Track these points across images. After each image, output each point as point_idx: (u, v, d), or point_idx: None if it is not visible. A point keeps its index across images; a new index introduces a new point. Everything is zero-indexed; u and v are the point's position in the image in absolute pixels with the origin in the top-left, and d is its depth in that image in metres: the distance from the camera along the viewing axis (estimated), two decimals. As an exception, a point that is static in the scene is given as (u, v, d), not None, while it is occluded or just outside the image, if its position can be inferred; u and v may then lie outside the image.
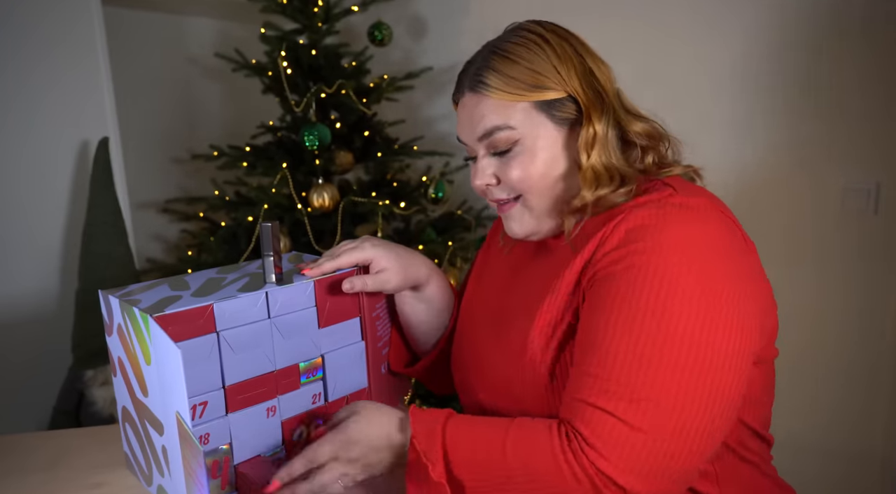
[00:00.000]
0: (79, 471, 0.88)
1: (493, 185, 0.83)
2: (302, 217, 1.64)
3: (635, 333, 0.68)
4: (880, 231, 1.63)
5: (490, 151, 0.82)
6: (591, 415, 0.67)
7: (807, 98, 1.65)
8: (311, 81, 1.72)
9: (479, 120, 0.80)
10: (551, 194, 0.81)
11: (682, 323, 0.67)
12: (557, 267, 0.80)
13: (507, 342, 0.81)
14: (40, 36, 1.57)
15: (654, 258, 0.69)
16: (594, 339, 0.70)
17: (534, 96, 0.78)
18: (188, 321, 0.73)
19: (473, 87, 0.81)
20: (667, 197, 0.73)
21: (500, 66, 0.79)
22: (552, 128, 0.80)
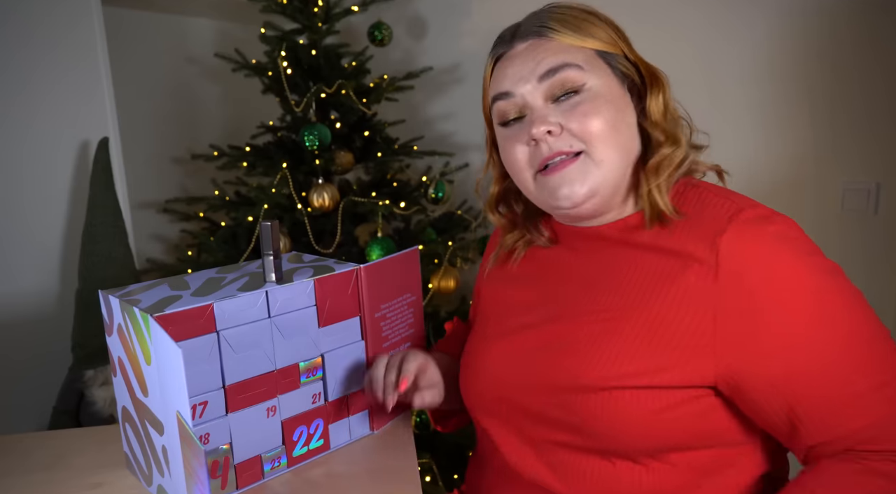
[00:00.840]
0: (79, 471, 0.88)
1: (557, 134, 0.75)
2: (302, 217, 1.64)
3: (839, 346, 0.68)
4: (880, 231, 1.63)
5: (549, 99, 0.76)
6: (870, 426, 0.67)
7: (807, 98, 1.65)
8: (311, 81, 1.72)
9: (543, 59, 0.75)
10: (621, 152, 0.75)
11: (858, 320, 0.70)
12: (639, 275, 0.74)
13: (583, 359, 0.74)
14: (40, 36, 1.57)
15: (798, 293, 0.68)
16: (808, 378, 0.68)
17: (597, 44, 0.76)
18: (188, 321, 0.73)
19: (534, 34, 0.76)
20: (740, 213, 0.71)
21: (563, 17, 0.77)
22: (615, 80, 0.77)
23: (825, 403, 0.68)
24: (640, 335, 0.72)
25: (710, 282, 0.69)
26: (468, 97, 2.12)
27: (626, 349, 0.72)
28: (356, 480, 0.83)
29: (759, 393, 0.69)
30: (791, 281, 0.68)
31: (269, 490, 0.81)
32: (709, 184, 0.79)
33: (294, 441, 0.85)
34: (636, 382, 0.70)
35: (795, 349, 0.68)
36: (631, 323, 0.73)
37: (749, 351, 0.68)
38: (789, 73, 1.65)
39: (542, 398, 0.77)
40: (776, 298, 0.68)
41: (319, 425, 0.87)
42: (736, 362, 0.69)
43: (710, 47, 1.72)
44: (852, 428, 0.68)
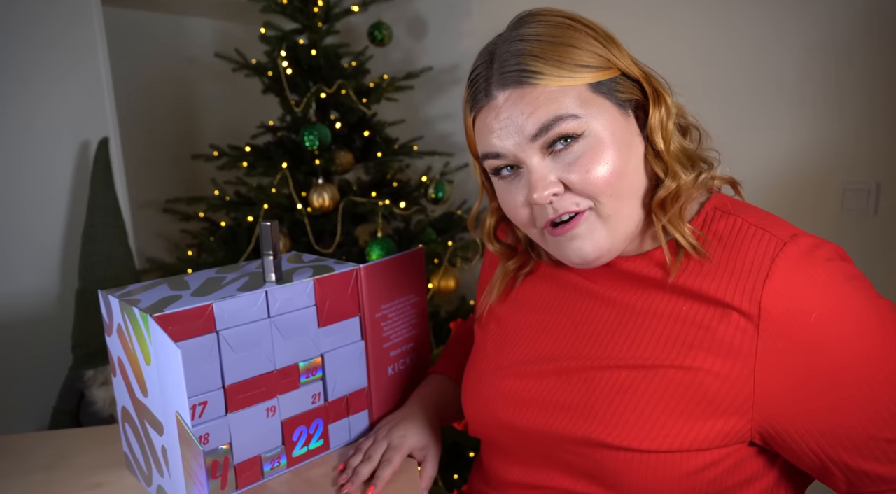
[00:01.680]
0: (79, 471, 0.88)
1: (561, 194, 0.67)
2: (302, 217, 1.64)
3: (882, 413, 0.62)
4: (880, 231, 1.63)
5: (546, 153, 0.66)
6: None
7: (807, 98, 1.65)
8: (311, 81, 1.72)
9: (530, 114, 0.65)
10: (628, 195, 0.68)
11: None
12: (666, 323, 0.68)
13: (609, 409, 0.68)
14: (40, 36, 1.57)
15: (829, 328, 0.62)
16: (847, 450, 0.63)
17: (588, 77, 0.65)
18: (188, 321, 0.73)
19: (512, 82, 0.65)
20: (783, 249, 0.64)
21: (539, 51, 0.65)
22: (616, 112, 0.67)
23: (864, 447, 0.63)
24: (666, 393, 0.65)
25: (751, 333, 0.63)
26: (468, 97, 2.12)
27: (658, 408, 0.65)
28: (356, 480, 0.83)
29: (795, 440, 0.65)
30: (836, 322, 0.62)
31: (269, 490, 0.81)
32: (743, 208, 0.71)
33: (294, 441, 0.85)
34: (668, 446, 0.65)
35: (828, 388, 0.63)
36: (657, 381, 0.66)
37: (787, 397, 0.63)
38: (789, 73, 1.65)
39: (560, 445, 0.72)
40: (817, 338, 0.62)
41: (319, 425, 0.87)
42: (774, 411, 0.64)
43: (710, 47, 1.72)
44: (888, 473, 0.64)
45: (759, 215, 0.69)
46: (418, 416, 0.90)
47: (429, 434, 0.89)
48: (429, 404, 0.93)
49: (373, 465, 0.82)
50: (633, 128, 0.69)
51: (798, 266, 0.63)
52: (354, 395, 0.91)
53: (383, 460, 0.83)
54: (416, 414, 0.90)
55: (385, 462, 0.82)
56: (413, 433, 0.87)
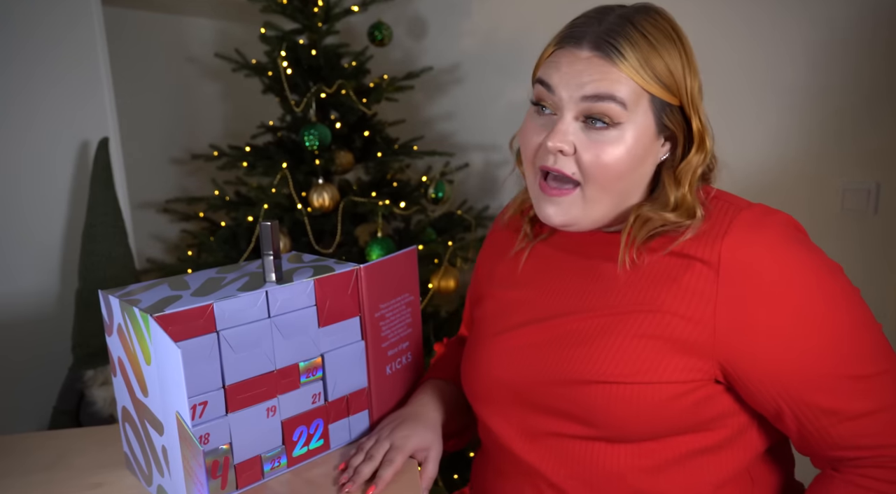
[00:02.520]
0: (79, 471, 0.88)
1: (567, 154, 0.74)
2: (302, 217, 1.64)
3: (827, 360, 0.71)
4: (880, 231, 1.63)
5: (581, 117, 0.74)
6: (859, 433, 0.71)
7: (807, 98, 1.65)
8: (311, 81, 1.72)
9: (595, 80, 0.72)
10: (614, 193, 0.76)
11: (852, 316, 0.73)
12: (643, 274, 0.76)
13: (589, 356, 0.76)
14: (40, 36, 1.57)
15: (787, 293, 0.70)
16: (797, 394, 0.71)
17: (656, 89, 0.73)
18: (188, 321, 0.73)
19: (602, 48, 0.72)
20: (735, 214, 0.74)
21: (638, 42, 0.72)
22: (653, 130, 0.75)
23: (813, 393, 0.71)
24: (637, 333, 0.74)
25: (712, 280, 0.71)
26: (468, 97, 2.12)
27: (631, 346, 0.74)
28: (356, 480, 0.83)
29: (753, 383, 0.72)
30: (788, 276, 0.70)
31: (269, 490, 0.81)
32: (719, 193, 0.80)
33: (294, 441, 0.85)
34: (640, 379, 0.73)
35: (787, 339, 0.70)
36: (629, 323, 0.75)
37: (744, 342, 0.71)
38: (789, 72, 1.65)
39: (546, 390, 0.79)
40: (772, 291, 0.70)
41: (319, 425, 0.87)
42: (732, 353, 0.71)
43: (711, 46, 1.72)
44: (839, 422, 0.71)
45: (732, 197, 0.79)
46: (421, 416, 0.90)
47: (431, 434, 0.89)
48: (431, 404, 0.93)
49: (374, 465, 0.82)
50: (655, 150, 0.77)
51: (754, 225, 0.72)
52: (354, 395, 0.91)
53: (385, 460, 0.83)
54: (418, 414, 0.91)
55: (387, 462, 0.82)
56: (416, 433, 0.87)
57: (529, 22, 1.91)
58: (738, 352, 0.71)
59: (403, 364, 0.98)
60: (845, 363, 0.71)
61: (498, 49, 2.00)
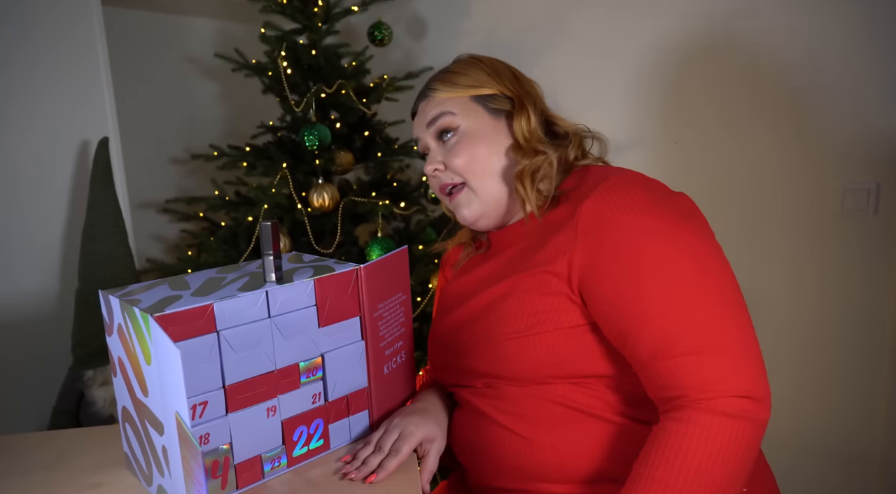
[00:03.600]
0: (79, 471, 0.88)
1: (441, 171, 0.96)
2: (302, 217, 1.64)
3: (658, 291, 0.77)
4: (880, 231, 1.63)
5: (437, 140, 0.97)
6: (682, 372, 0.75)
7: (806, 98, 1.65)
8: (311, 81, 1.72)
9: (428, 113, 0.97)
10: (493, 179, 0.94)
11: (684, 262, 0.78)
12: (526, 251, 0.90)
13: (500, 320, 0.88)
14: (40, 36, 1.57)
15: (625, 229, 0.80)
16: (633, 321, 0.78)
17: (470, 92, 0.96)
18: (188, 321, 0.73)
19: (424, 95, 0.99)
20: (600, 182, 0.85)
21: (443, 77, 0.98)
22: (488, 117, 0.95)
23: (642, 325, 0.78)
24: (524, 287, 0.86)
25: (571, 234, 0.83)
26: (468, 97, 2.12)
27: (518, 308, 0.86)
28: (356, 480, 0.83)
29: (600, 305, 0.81)
30: (629, 222, 0.80)
31: (270, 490, 0.81)
32: (599, 167, 0.94)
33: (294, 441, 0.85)
34: (528, 332, 0.84)
35: (625, 267, 0.79)
36: (519, 282, 0.87)
37: (590, 276, 0.81)
38: (790, 72, 1.65)
39: (466, 351, 0.93)
40: (615, 234, 0.80)
41: (319, 425, 0.87)
42: (586, 282, 0.82)
43: (711, 44, 1.72)
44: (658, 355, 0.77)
45: (609, 168, 0.92)
46: (430, 411, 0.95)
47: (437, 428, 0.93)
48: (439, 403, 0.98)
49: (382, 456, 0.85)
50: (501, 127, 0.95)
51: (611, 186, 0.83)
52: (355, 395, 0.91)
53: (392, 449, 0.86)
54: (427, 409, 0.95)
55: (393, 451, 0.85)
56: (425, 423, 0.91)
57: (529, 22, 1.91)
58: (588, 280, 0.81)
59: (398, 363, 0.98)
60: (679, 302, 0.77)
61: (498, 49, 1.99)
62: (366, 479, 0.82)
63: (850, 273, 1.67)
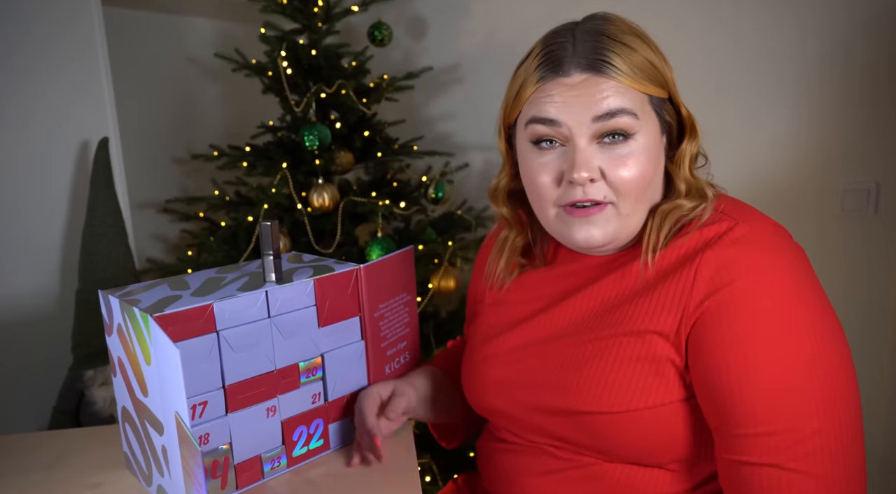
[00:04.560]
0: (79, 471, 0.88)
1: (596, 181, 0.73)
2: (302, 217, 1.64)
3: (766, 373, 0.65)
4: (880, 231, 1.63)
5: (596, 140, 0.72)
6: (759, 475, 0.65)
7: (807, 98, 1.65)
8: (311, 81, 1.72)
9: (602, 99, 0.70)
10: (643, 207, 0.76)
11: (804, 352, 0.65)
12: (633, 298, 0.74)
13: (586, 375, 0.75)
14: (39, 36, 1.57)
15: (750, 295, 0.67)
16: (727, 392, 0.66)
17: (652, 89, 0.73)
18: (188, 321, 0.73)
19: (594, 66, 0.71)
20: (733, 229, 0.71)
21: (621, 51, 0.71)
22: (658, 128, 0.75)
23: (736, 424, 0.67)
24: (632, 356, 0.72)
25: (686, 293, 0.70)
26: (468, 97, 2.12)
27: (621, 371, 0.72)
28: (356, 480, 0.83)
29: (699, 395, 0.70)
30: (765, 305, 0.67)
31: (269, 490, 0.81)
32: (722, 198, 0.78)
33: (294, 441, 0.85)
34: (630, 406, 0.71)
35: (738, 363, 0.66)
36: (618, 344, 0.73)
37: (700, 350, 0.69)
38: (790, 73, 1.65)
39: (545, 419, 0.79)
40: (743, 314, 0.67)
41: (319, 425, 0.87)
42: (693, 358, 0.70)
43: (714, 45, 1.72)
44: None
45: (733, 207, 0.76)
46: (405, 377, 0.94)
47: (407, 385, 0.91)
48: (421, 376, 0.95)
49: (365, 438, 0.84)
50: (662, 147, 0.77)
51: (738, 242, 0.69)
52: (354, 395, 0.91)
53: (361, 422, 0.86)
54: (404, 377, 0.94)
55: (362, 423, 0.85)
56: (385, 383, 0.90)
57: (529, 22, 1.90)
58: (695, 355, 0.70)
59: (402, 363, 0.98)
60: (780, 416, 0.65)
61: (498, 49, 1.99)
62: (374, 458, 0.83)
63: (851, 273, 1.67)
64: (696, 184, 0.77)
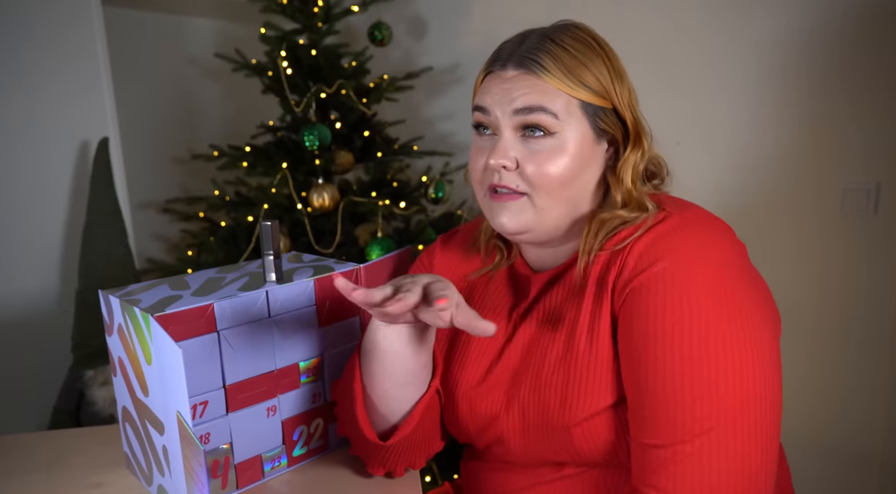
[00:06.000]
0: (79, 471, 0.88)
1: (510, 169, 0.76)
2: (302, 217, 1.64)
3: (677, 370, 0.67)
4: (880, 231, 1.63)
5: (519, 132, 0.76)
6: (660, 459, 0.67)
7: (807, 98, 1.65)
8: (311, 81, 1.72)
9: (523, 94, 0.74)
10: (564, 208, 0.77)
11: (718, 332, 0.67)
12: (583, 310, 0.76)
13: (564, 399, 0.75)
14: (40, 36, 1.57)
15: (673, 283, 0.69)
16: (639, 377, 0.69)
17: (584, 95, 0.75)
18: (189, 320, 0.73)
19: (524, 64, 0.75)
20: (664, 220, 0.74)
21: (559, 55, 0.75)
22: (591, 136, 0.77)
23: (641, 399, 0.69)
24: (585, 364, 0.75)
25: (616, 275, 0.73)
26: (468, 97, 2.10)
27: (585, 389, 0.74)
28: (356, 480, 0.83)
29: (625, 374, 0.72)
30: (684, 286, 0.69)
31: (270, 489, 0.81)
32: (664, 198, 0.80)
33: (294, 441, 0.85)
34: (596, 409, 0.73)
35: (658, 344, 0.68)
36: (578, 358, 0.75)
37: (624, 329, 0.72)
38: (790, 73, 1.65)
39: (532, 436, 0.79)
40: (664, 295, 0.69)
41: (319, 425, 0.87)
42: (619, 336, 0.73)
43: (713, 45, 1.72)
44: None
45: (674, 202, 0.78)
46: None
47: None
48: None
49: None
50: (598, 154, 0.78)
51: (667, 229, 0.72)
52: (355, 395, 0.91)
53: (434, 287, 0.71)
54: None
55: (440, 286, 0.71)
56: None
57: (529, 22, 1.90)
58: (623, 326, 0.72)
59: None
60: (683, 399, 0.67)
61: (498, 49, 2.00)
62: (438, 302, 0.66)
63: (851, 273, 1.67)
64: (637, 197, 0.77)
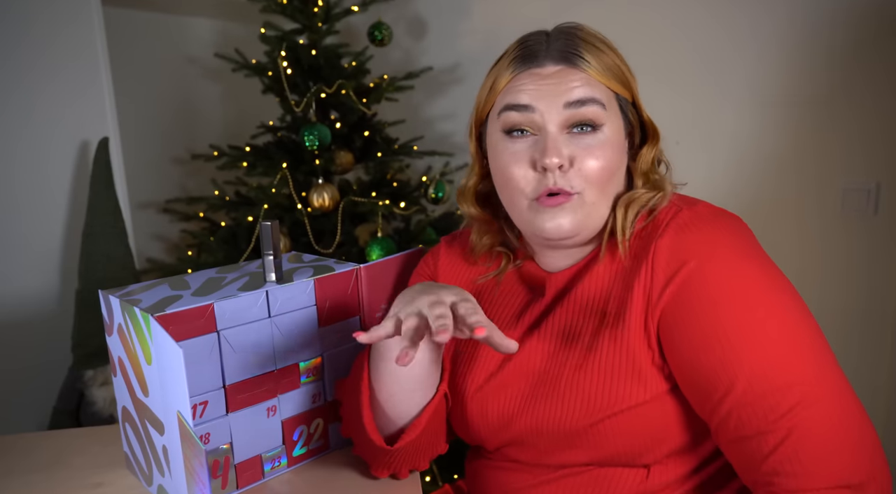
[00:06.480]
0: (79, 471, 0.88)
1: (565, 170, 0.73)
2: (302, 217, 1.64)
3: (751, 357, 0.66)
4: (880, 231, 1.63)
5: (565, 129, 0.74)
6: (771, 444, 0.65)
7: (807, 98, 1.65)
8: (311, 81, 1.72)
9: (575, 86, 0.74)
10: (607, 195, 0.77)
11: (769, 310, 0.68)
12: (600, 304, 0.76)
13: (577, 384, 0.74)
14: (39, 36, 1.57)
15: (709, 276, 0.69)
16: (711, 378, 0.68)
17: (618, 88, 0.77)
18: (189, 320, 0.73)
19: (568, 59, 0.75)
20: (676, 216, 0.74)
21: (591, 50, 0.75)
22: (621, 125, 0.78)
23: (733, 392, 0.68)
24: (605, 360, 0.73)
25: (648, 284, 0.72)
26: (468, 97, 2.11)
27: (610, 387, 0.72)
28: (356, 480, 0.83)
29: (683, 384, 0.71)
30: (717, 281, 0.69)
31: (270, 489, 0.81)
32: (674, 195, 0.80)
33: (294, 441, 0.85)
34: (613, 410, 0.72)
35: (714, 340, 0.68)
36: (601, 356, 0.74)
37: (674, 341, 0.70)
38: (791, 73, 1.65)
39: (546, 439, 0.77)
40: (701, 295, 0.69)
41: (319, 425, 0.87)
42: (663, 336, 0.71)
43: (714, 46, 1.72)
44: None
45: (678, 199, 0.79)
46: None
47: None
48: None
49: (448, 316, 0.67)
50: (626, 145, 0.79)
51: (685, 226, 0.72)
52: (355, 395, 0.91)
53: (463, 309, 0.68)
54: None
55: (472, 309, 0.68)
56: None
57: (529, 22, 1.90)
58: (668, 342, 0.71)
59: None
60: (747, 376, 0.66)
61: (498, 49, 1.99)
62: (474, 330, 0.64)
63: (850, 273, 1.67)
64: (656, 179, 0.79)
